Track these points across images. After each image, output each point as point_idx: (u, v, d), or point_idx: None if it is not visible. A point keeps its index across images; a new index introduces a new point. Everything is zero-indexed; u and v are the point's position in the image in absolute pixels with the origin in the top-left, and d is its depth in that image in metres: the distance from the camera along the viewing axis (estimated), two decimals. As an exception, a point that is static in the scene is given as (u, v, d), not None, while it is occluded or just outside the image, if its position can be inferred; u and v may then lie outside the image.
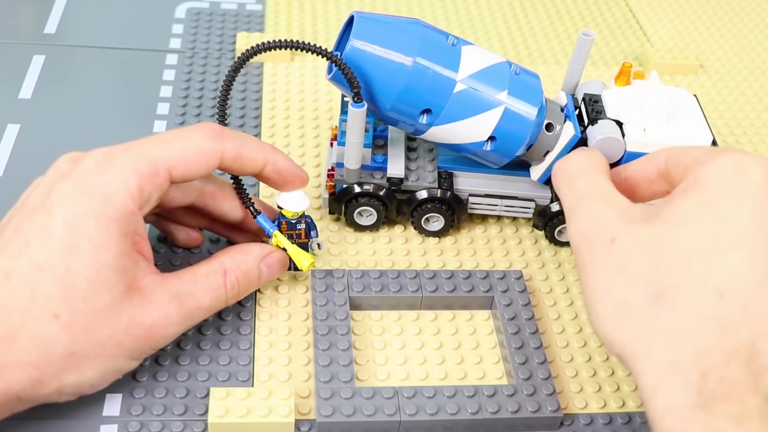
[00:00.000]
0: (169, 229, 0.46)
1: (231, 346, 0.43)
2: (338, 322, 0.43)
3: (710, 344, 0.32)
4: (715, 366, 0.31)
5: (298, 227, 0.44)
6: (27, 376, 0.35)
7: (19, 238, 0.36)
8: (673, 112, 0.46)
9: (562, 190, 0.40)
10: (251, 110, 0.58)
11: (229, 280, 0.40)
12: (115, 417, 0.39)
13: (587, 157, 0.41)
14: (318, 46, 0.41)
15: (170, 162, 0.38)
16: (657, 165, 0.38)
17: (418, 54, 0.43)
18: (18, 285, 0.35)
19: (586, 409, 0.42)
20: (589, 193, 0.38)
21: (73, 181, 0.37)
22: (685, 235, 0.34)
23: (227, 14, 0.68)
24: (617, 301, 0.34)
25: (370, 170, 0.48)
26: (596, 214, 0.37)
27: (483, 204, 0.49)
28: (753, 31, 0.74)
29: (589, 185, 0.39)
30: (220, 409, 0.39)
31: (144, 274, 0.38)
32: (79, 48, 0.63)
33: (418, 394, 0.41)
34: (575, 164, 0.40)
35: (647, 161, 0.39)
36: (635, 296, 0.34)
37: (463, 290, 0.46)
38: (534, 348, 0.43)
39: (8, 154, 0.53)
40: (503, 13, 0.73)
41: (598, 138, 0.45)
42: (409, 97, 0.43)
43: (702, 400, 0.31)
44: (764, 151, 0.60)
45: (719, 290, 0.32)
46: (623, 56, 0.68)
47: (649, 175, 0.39)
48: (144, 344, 0.38)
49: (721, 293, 0.32)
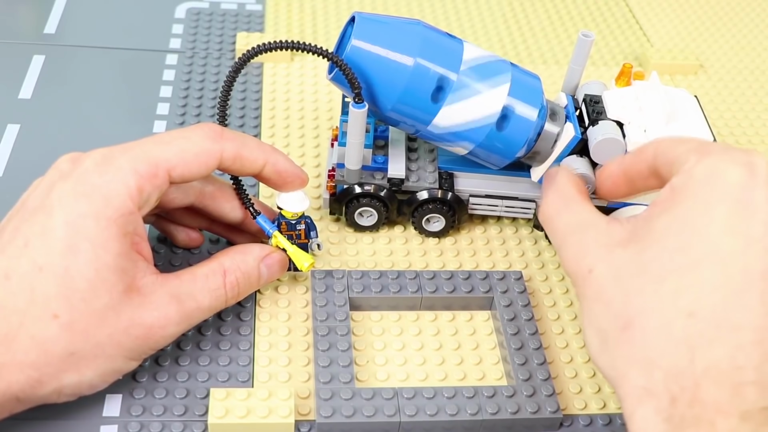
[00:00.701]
0: (168, 229, 0.46)
1: (231, 347, 0.43)
2: (338, 323, 0.43)
3: (680, 367, 0.31)
4: (684, 389, 0.31)
5: (297, 228, 0.44)
6: (26, 377, 0.35)
7: (19, 239, 0.36)
8: (674, 113, 0.46)
9: (547, 232, 0.40)
10: (251, 110, 0.58)
11: (228, 280, 0.40)
12: (115, 417, 0.39)
13: (556, 194, 0.40)
14: (318, 46, 0.41)
15: (170, 162, 0.38)
16: (647, 161, 0.38)
17: (419, 54, 0.43)
18: (17, 285, 0.35)
19: (586, 410, 0.42)
20: (567, 233, 0.38)
21: (73, 182, 0.37)
22: (658, 253, 0.33)
23: (227, 14, 0.68)
24: (597, 329, 0.34)
25: (371, 171, 0.48)
26: (575, 247, 0.37)
27: (483, 205, 0.49)
28: (753, 31, 0.74)
29: (565, 224, 0.38)
30: (220, 410, 0.39)
31: (143, 274, 0.38)
32: (79, 48, 0.63)
33: (417, 395, 0.41)
34: (548, 208, 0.40)
35: (638, 157, 0.38)
36: (609, 323, 0.34)
37: (463, 291, 0.46)
38: (534, 349, 0.43)
39: (8, 154, 0.53)
40: (503, 13, 0.73)
41: (599, 139, 0.45)
42: (410, 97, 0.43)
43: (671, 427, 0.30)
44: (764, 151, 0.60)
45: (689, 310, 0.31)
46: (623, 57, 0.68)
47: (641, 171, 0.38)
48: (143, 344, 0.38)
49: (690, 313, 0.31)
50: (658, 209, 0.34)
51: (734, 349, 0.31)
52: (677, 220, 0.33)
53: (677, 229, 0.33)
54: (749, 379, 0.30)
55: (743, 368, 0.30)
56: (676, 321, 0.32)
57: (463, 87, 0.43)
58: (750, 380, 0.30)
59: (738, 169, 0.33)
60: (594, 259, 0.35)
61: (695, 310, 0.31)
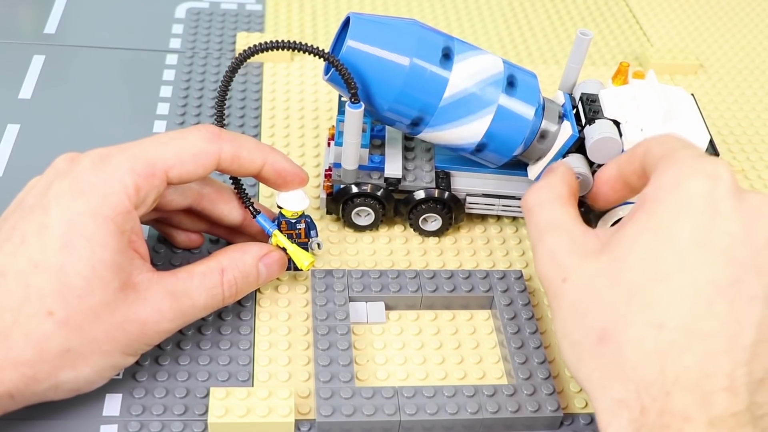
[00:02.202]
0: (168, 232, 0.47)
1: (231, 346, 0.43)
2: (338, 322, 0.43)
3: (651, 378, 0.31)
4: (654, 399, 0.31)
5: (297, 227, 0.44)
6: (20, 375, 0.35)
7: (16, 236, 0.36)
8: (671, 111, 0.46)
9: (527, 224, 0.40)
10: (251, 110, 0.58)
11: (226, 279, 0.40)
12: (115, 417, 0.39)
13: (546, 188, 0.40)
14: (314, 46, 0.41)
15: (167, 163, 0.38)
16: (640, 162, 0.38)
17: (415, 54, 0.43)
18: (13, 283, 0.35)
19: (586, 408, 0.42)
20: (544, 230, 0.38)
21: (71, 181, 0.37)
22: (629, 265, 0.33)
23: (227, 14, 0.68)
24: (572, 342, 0.35)
25: (368, 170, 0.48)
26: (550, 254, 0.37)
27: (481, 203, 0.49)
28: (753, 31, 0.74)
29: (545, 220, 0.38)
30: (220, 409, 0.39)
31: (139, 271, 0.38)
32: (79, 48, 0.63)
33: (417, 393, 0.41)
34: (534, 197, 0.40)
35: (631, 157, 0.39)
36: (584, 336, 0.34)
37: (463, 290, 0.46)
38: (534, 348, 0.43)
39: (8, 154, 0.53)
40: (503, 13, 0.73)
41: (596, 138, 0.45)
42: (407, 97, 0.43)
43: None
44: (764, 151, 0.60)
45: (659, 322, 0.32)
46: (623, 56, 0.68)
47: (636, 171, 0.38)
48: (138, 340, 0.38)
49: (660, 325, 0.32)
50: (628, 219, 0.35)
51: (704, 358, 0.31)
52: (647, 231, 0.34)
53: (647, 240, 0.33)
54: (720, 386, 0.31)
55: (713, 375, 0.31)
56: (647, 333, 0.32)
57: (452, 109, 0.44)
58: (720, 387, 0.31)
59: (702, 181, 0.33)
60: (567, 267, 0.36)
61: (665, 321, 0.32)
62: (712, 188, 0.33)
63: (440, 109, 0.44)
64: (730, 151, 0.60)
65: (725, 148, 0.61)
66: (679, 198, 0.33)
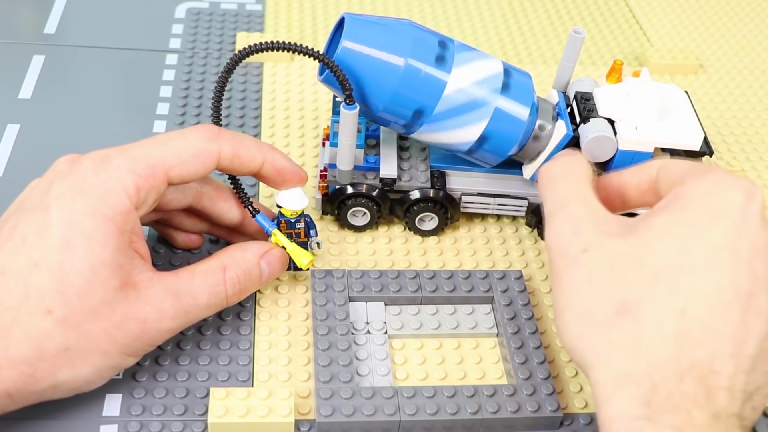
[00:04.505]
0: (168, 233, 0.47)
1: (231, 346, 0.43)
2: (338, 322, 0.43)
3: (665, 359, 0.32)
4: (667, 379, 0.32)
5: (297, 226, 0.44)
6: (18, 373, 0.35)
7: (16, 236, 0.36)
8: (665, 109, 0.46)
9: (544, 194, 0.40)
10: (251, 110, 0.58)
11: (228, 277, 0.40)
12: (115, 417, 0.39)
13: (571, 163, 0.41)
14: (309, 47, 0.41)
15: (167, 163, 0.38)
16: (649, 176, 0.39)
17: (410, 55, 0.43)
18: (12, 281, 0.35)
19: (586, 408, 0.42)
20: (568, 200, 0.38)
21: (71, 181, 0.37)
22: (657, 251, 0.34)
23: (227, 14, 0.68)
24: (582, 311, 0.35)
25: (363, 171, 0.48)
26: (572, 222, 0.37)
27: (476, 203, 0.49)
28: (753, 31, 0.74)
29: (569, 191, 0.39)
30: (220, 409, 0.39)
31: (140, 271, 0.38)
32: (79, 48, 0.63)
33: (417, 393, 0.41)
34: (558, 169, 0.40)
35: (640, 171, 0.40)
36: (600, 307, 0.34)
37: (463, 290, 0.46)
38: (534, 348, 0.43)
39: (8, 154, 0.53)
40: (502, 13, 0.73)
41: (590, 136, 0.45)
42: (402, 98, 0.43)
43: (649, 411, 0.32)
44: (764, 151, 0.60)
45: (682, 309, 0.33)
46: (623, 56, 0.68)
47: (640, 185, 0.39)
48: (138, 339, 0.38)
49: (683, 312, 0.33)
50: (659, 213, 0.36)
51: (714, 354, 0.32)
52: (681, 224, 0.34)
53: (680, 232, 0.34)
54: (722, 384, 0.32)
55: (719, 374, 0.32)
56: (668, 316, 0.33)
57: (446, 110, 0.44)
58: (723, 386, 0.32)
59: (740, 193, 0.35)
60: (590, 240, 0.36)
61: (687, 310, 0.33)
62: (747, 201, 0.35)
63: (435, 110, 0.44)
64: (730, 151, 0.60)
65: (725, 148, 0.61)
66: (717, 202, 0.35)
